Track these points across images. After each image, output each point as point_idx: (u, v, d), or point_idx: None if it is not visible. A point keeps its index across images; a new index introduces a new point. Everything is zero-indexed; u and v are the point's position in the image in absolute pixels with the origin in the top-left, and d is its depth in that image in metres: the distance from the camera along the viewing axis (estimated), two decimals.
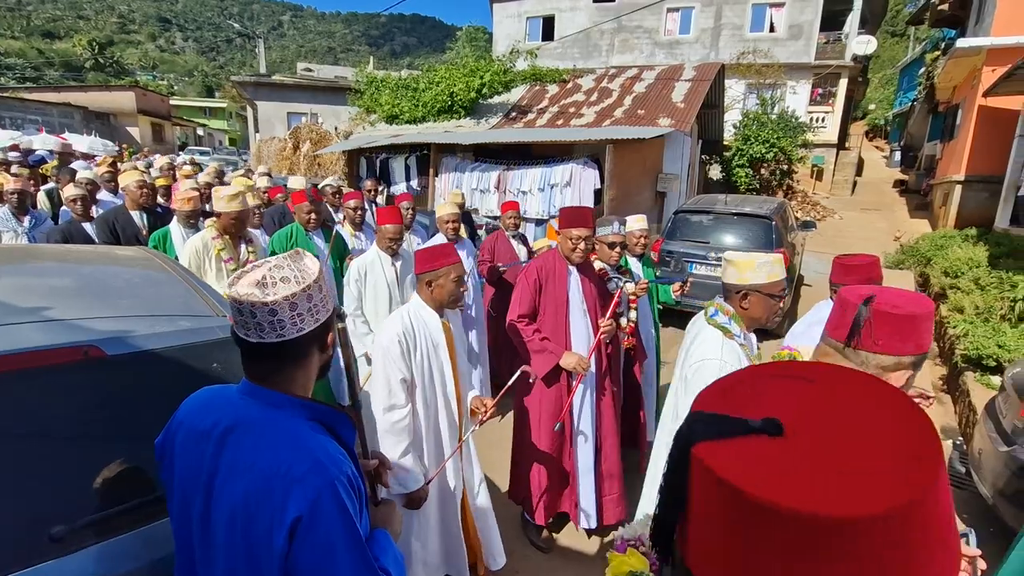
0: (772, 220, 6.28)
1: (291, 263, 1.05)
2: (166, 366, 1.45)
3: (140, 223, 4.11)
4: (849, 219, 15.76)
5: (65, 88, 29.71)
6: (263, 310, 0.98)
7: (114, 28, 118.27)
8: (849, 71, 19.05)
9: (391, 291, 3.49)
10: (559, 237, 2.82)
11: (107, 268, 1.99)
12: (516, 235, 4.65)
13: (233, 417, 1.03)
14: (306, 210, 3.83)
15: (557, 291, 2.80)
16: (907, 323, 1.18)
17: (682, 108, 9.74)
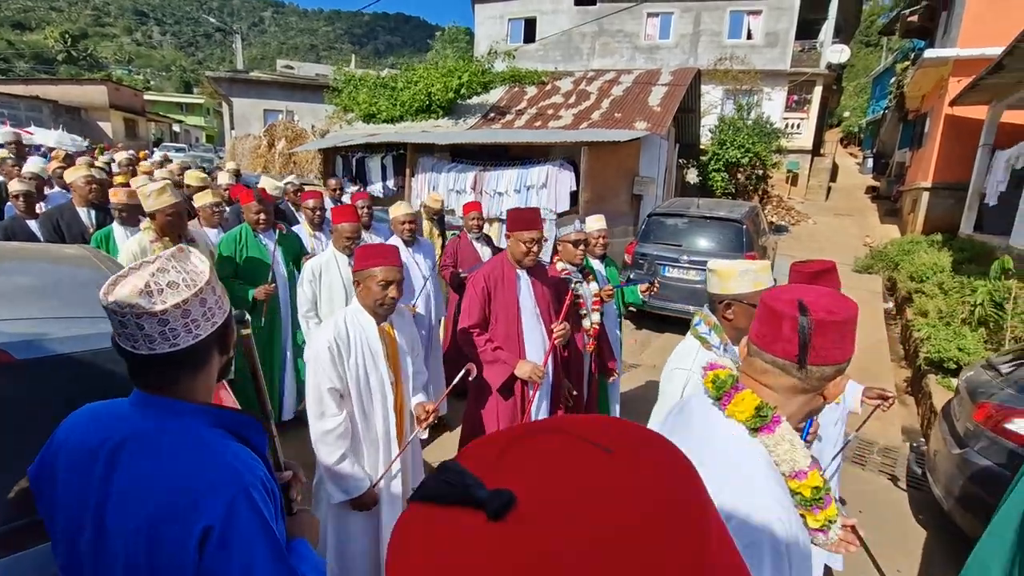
0: (743, 224, 6.35)
1: (177, 264, 0.95)
2: (82, 371, 1.38)
3: (88, 221, 3.97)
4: (823, 224, 16.08)
5: (34, 81, 28.84)
6: (151, 321, 0.89)
7: (88, 20, 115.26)
8: (824, 79, 19.45)
9: (347, 292, 3.38)
10: (509, 241, 2.73)
11: (35, 266, 1.89)
12: (479, 237, 4.57)
13: (125, 432, 0.93)
14: (255, 210, 3.65)
15: (507, 297, 2.71)
16: (847, 328, 1.14)
17: (658, 112, 9.81)
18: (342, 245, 3.40)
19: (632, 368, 5.92)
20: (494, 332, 2.72)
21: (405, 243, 3.92)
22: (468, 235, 4.51)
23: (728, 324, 1.82)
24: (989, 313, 5.61)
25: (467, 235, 4.51)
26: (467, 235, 4.51)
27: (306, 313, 3.37)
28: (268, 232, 3.78)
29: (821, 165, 21.57)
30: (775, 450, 1.14)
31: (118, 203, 3.56)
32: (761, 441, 1.14)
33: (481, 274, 2.75)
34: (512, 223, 2.70)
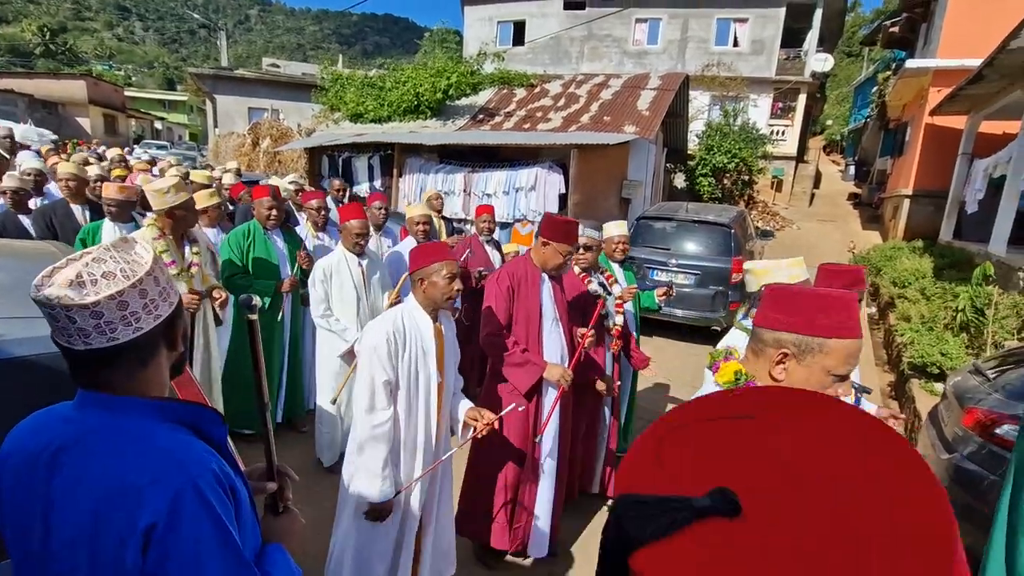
0: (731, 228, 6.37)
1: (117, 254, 0.90)
2: (41, 375, 1.28)
3: (81, 218, 3.89)
4: (806, 229, 16.29)
5: (9, 74, 28.10)
6: (83, 313, 0.83)
7: (68, 14, 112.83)
8: (808, 87, 19.75)
9: (358, 292, 3.35)
10: (541, 247, 2.64)
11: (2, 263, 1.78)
12: (490, 240, 4.50)
13: (68, 434, 0.88)
14: (267, 206, 3.58)
15: (530, 300, 2.65)
16: (789, 299, 1.19)
17: (647, 116, 9.84)
18: (351, 243, 3.33)
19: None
20: (514, 332, 2.65)
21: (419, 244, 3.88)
22: (479, 237, 4.45)
23: None
24: (971, 318, 5.69)
25: (478, 237, 4.45)
26: (478, 237, 4.45)
27: (323, 313, 3.30)
28: (277, 230, 3.72)
29: (805, 172, 21.89)
30: None
31: (110, 199, 3.47)
32: None
33: (506, 273, 2.67)
34: (551, 232, 2.61)
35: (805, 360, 1.16)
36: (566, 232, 2.62)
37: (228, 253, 3.51)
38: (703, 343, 6.65)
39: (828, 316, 1.13)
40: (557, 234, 2.61)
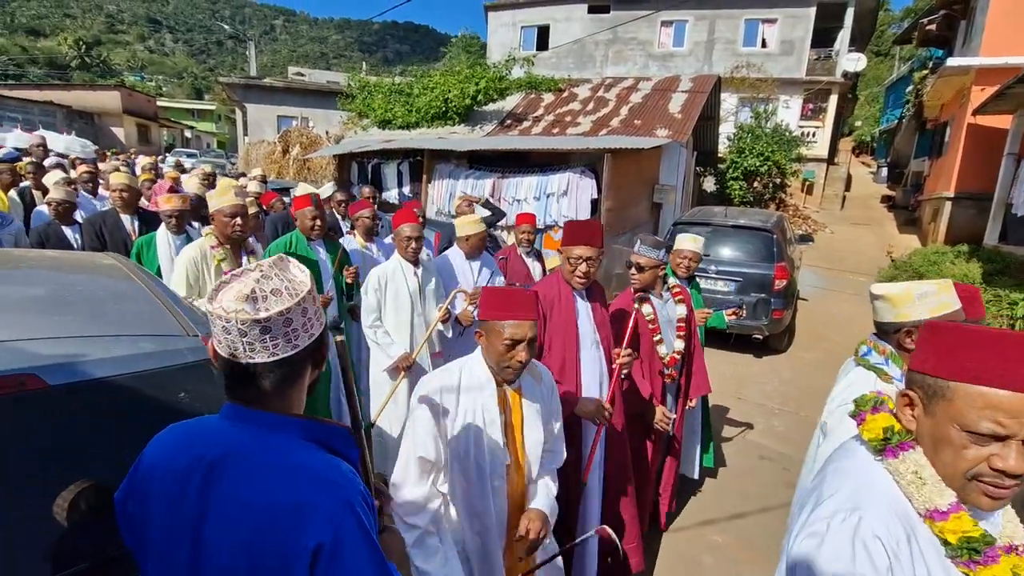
0: (773, 233, 6.18)
1: (279, 272, 0.93)
2: (122, 397, 1.23)
3: (130, 228, 3.90)
4: (840, 233, 15.87)
5: (48, 86, 29.08)
6: (255, 328, 0.87)
7: (102, 28, 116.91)
8: (839, 87, 19.30)
9: (413, 302, 3.24)
10: (560, 256, 2.45)
11: (63, 277, 1.75)
12: (530, 252, 4.26)
13: (220, 448, 0.91)
14: (310, 216, 3.46)
15: (565, 321, 2.37)
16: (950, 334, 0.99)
17: (679, 119, 9.67)
18: (405, 248, 3.21)
19: None
20: (548, 360, 2.34)
21: (467, 256, 3.71)
22: (518, 249, 4.21)
23: (910, 354, 1.59)
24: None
25: (516, 249, 4.22)
26: (516, 249, 4.22)
27: (372, 323, 3.20)
28: (319, 240, 3.62)
29: (836, 174, 21.38)
30: (900, 478, 1.02)
31: (172, 209, 3.47)
32: (885, 465, 1.04)
33: (537, 293, 2.49)
34: (564, 236, 2.40)
35: (930, 408, 0.98)
36: (574, 233, 2.34)
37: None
38: (744, 351, 6.47)
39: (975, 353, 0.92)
40: (567, 236, 2.36)
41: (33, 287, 1.57)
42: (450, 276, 3.63)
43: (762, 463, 4.10)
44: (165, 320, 1.51)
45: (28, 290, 1.54)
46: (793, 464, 4.09)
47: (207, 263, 2.85)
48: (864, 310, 8.85)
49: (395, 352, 3.15)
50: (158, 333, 1.42)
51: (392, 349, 3.17)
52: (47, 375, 1.14)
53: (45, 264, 1.92)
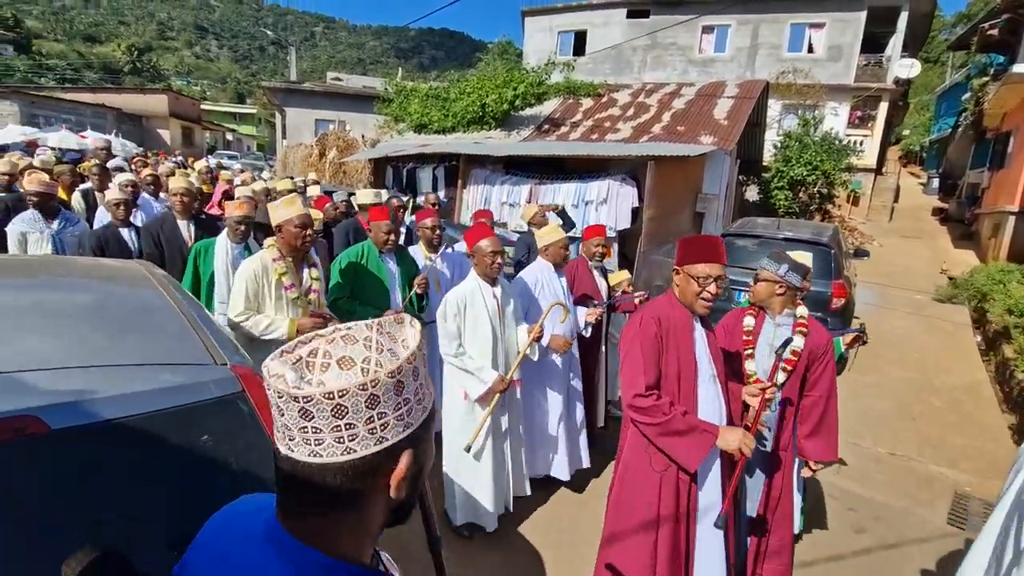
0: (831, 248, 5.77)
1: (377, 336, 0.65)
2: (136, 442, 1.05)
3: (187, 234, 3.84)
4: (889, 246, 15.10)
5: (101, 90, 30.35)
6: (291, 407, 0.61)
7: (153, 34, 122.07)
8: (890, 94, 18.47)
9: (493, 326, 2.94)
10: (676, 279, 2.13)
11: (81, 290, 1.58)
12: (600, 267, 3.94)
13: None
14: (385, 230, 3.33)
15: (682, 351, 2.08)
16: None
17: (725, 125, 9.28)
18: (489, 266, 2.89)
19: None
20: (662, 394, 2.09)
21: (557, 268, 3.46)
22: (588, 263, 3.91)
23: None
24: None
25: (585, 262, 3.91)
26: (585, 262, 3.91)
27: (457, 351, 2.89)
28: (391, 253, 3.49)
29: (884, 184, 20.48)
30: None
31: (242, 216, 3.37)
32: None
33: (652, 315, 2.09)
34: (683, 253, 2.10)
35: None
36: (697, 249, 2.05)
37: (338, 274, 3.29)
38: None
39: None
40: (687, 254, 2.06)
41: (44, 302, 1.41)
42: (531, 295, 3.36)
43: (826, 502, 3.74)
44: (191, 345, 1.34)
45: (38, 306, 1.38)
46: (860, 503, 3.73)
47: (268, 277, 2.72)
48: (923, 328, 8.30)
49: (489, 376, 2.88)
50: (181, 361, 1.24)
51: (485, 374, 2.89)
52: (49, 417, 0.96)
53: (64, 273, 1.78)
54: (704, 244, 2.08)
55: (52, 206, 3.99)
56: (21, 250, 3.83)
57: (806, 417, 2.55)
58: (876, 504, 3.74)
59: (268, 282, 2.71)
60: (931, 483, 4.08)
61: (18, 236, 3.83)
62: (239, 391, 1.21)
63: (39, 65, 58.71)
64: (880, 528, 3.45)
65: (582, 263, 3.91)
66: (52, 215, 3.96)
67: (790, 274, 2.45)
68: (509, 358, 3.04)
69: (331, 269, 3.37)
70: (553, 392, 3.41)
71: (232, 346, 1.39)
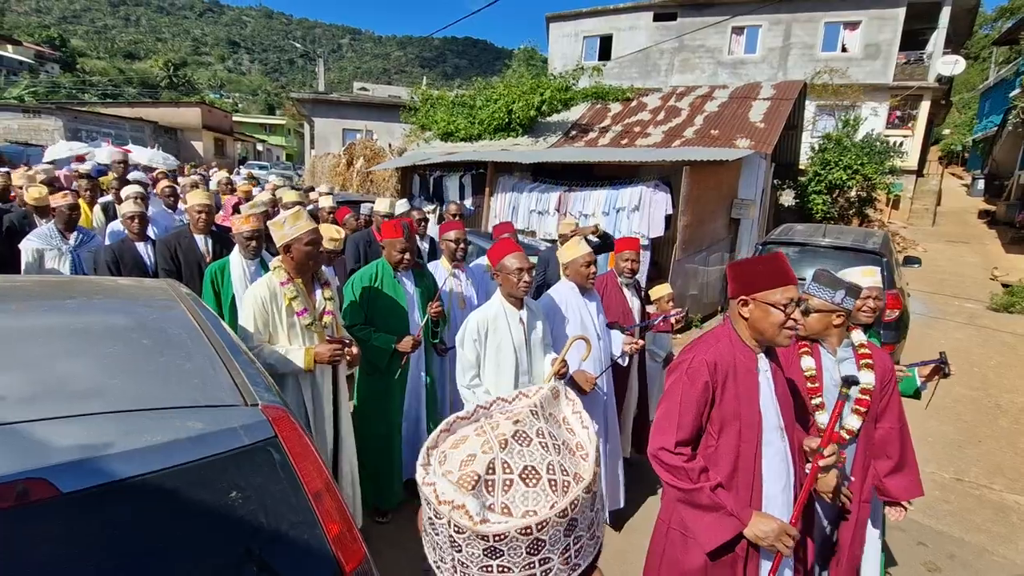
0: (884, 256, 5.44)
1: (544, 428, 0.53)
2: (157, 503, 0.91)
3: (204, 249, 3.68)
4: (934, 252, 14.42)
5: (139, 104, 31.42)
6: (475, 545, 0.51)
7: (188, 50, 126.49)
8: (932, 93, 17.74)
9: (518, 357, 2.62)
10: (742, 311, 1.78)
11: (98, 315, 1.46)
12: (631, 283, 3.61)
13: None
14: (399, 248, 3.03)
15: (744, 401, 1.74)
16: None
17: (762, 128, 8.96)
18: (516, 284, 2.57)
19: None
20: (713, 454, 1.75)
21: (582, 291, 3.05)
22: (618, 279, 3.59)
23: None
24: None
25: (615, 278, 3.59)
26: (615, 278, 3.59)
27: (471, 383, 2.63)
28: (408, 272, 3.18)
29: (926, 187, 19.69)
30: None
31: (251, 230, 3.17)
32: None
33: (706, 359, 1.74)
34: (749, 279, 1.75)
35: None
36: (768, 271, 1.72)
37: (351, 296, 3.02)
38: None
39: None
40: (756, 277, 1.72)
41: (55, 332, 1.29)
42: (556, 320, 2.95)
43: (892, 534, 3.45)
44: (219, 382, 1.20)
45: (49, 336, 1.26)
46: (929, 536, 3.42)
47: (277, 303, 2.45)
48: (979, 341, 7.79)
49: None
50: (208, 403, 1.11)
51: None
52: (59, 478, 0.84)
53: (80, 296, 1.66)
54: (773, 265, 1.75)
55: (74, 221, 3.89)
56: (36, 268, 3.67)
57: (882, 451, 2.21)
58: (948, 539, 3.42)
59: (278, 309, 2.45)
60: (1006, 514, 3.74)
61: (33, 253, 3.69)
62: (271, 437, 1.08)
63: (83, 82, 61.31)
64: (956, 569, 3.14)
65: (611, 279, 3.58)
66: (71, 230, 3.87)
67: (847, 300, 2.10)
68: None
69: (343, 292, 3.12)
70: None
71: (264, 381, 1.26)
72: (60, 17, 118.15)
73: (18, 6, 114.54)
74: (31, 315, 1.39)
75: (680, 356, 1.88)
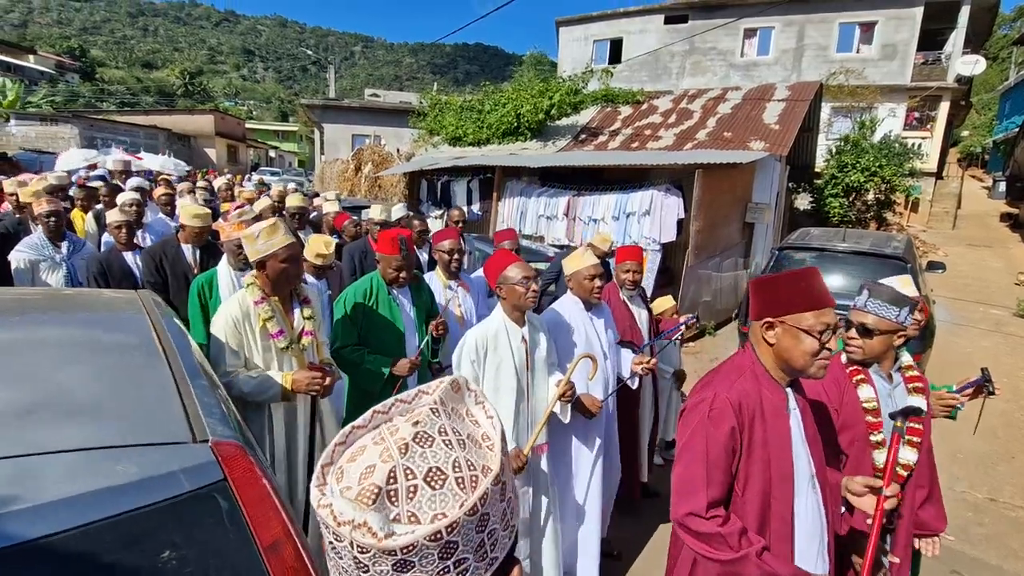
0: (908, 262, 5.20)
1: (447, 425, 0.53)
2: (69, 571, 0.76)
3: (191, 259, 3.52)
4: (955, 256, 14.00)
5: (154, 112, 31.88)
6: (383, 562, 0.48)
7: (204, 59, 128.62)
8: (951, 93, 17.34)
9: (519, 378, 2.36)
10: (768, 336, 1.51)
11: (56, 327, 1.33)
12: (635, 295, 3.34)
13: None
14: (394, 265, 2.80)
15: (774, 449, 1.47)
16: None
17: (777, 130, 8.73)
18: (520, 298, 2.32)
19: None
20: (743, 509, 1.49)
21: (587, 306, 2.79)
22: (620, 292, 3.33)
23: None
24: None
25: (617, 291, 3.34)
26: (617, 291, 3.34)
27: None
28: (404, 288, 2.94)
29: (945, 189, 19.23)
30: None
31: (231, 240, 2.96)
32: None
33: (729, 399, 1.47)
34: (778, 299, 1.49)
35: None
36: (803, 291, 1.45)
37: (343, 313, 2.77)
38: None
39: None
40: (791, 299, 1.46)
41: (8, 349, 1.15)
42: (561, 337, 2.69)
43: (923, 561, 3.22)
44: (167, 413, 1.06)
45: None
46: (963, 563, 3.18)
47: (250, 324, 2.22)
48: (1007, 349, 7.47)
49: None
50: (149, 440, 0.96)
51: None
52: None
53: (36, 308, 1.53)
54: (807, 284, 1.46)
55: (62, 229, 3.73)
56: (29, 279, 3.52)
57: (915, 481, 1.96)
58: (984, 567, 3.19)
59: (252, 330, 2.21)
60: None
61: (24, 262, 3.54)
62: (218, 480, 0.93)
63: (101, 90, 62.53)
64: None
65: (613, 292, 3.29)
66: (61, 238, 3.71)
67: (910, 317, 1.85)
68: (536, 417, 2.42)
69: (335, 307, 2.87)
70: (585, 450, 2.71)
71: (220, 411, 1.11)
72: (81, 28, 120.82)
73: (41, 18, 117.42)
74: None
75: (696, 394, 1.58)
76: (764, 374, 1.52)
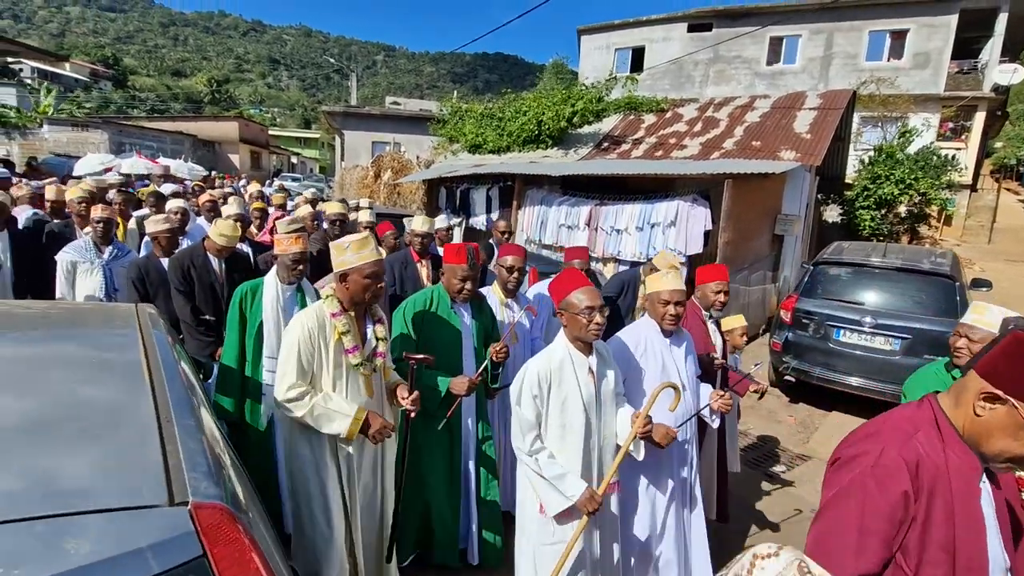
0: (955, 279, 4.89)
1: None
2: None
3: (217, 268, 3.50)
4: (993, 272, 13.44)
5: (181, 118, 32.57)
6: None
7: (231, 68, 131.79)
8: (988, 103, 16.77)
9: (587, 415, 2.12)
10: (985, 411, 1.14)
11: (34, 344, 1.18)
12: (715, 317, 3.07)
13: None
14: (460, 276, 2.65)
15: (963, 527, 1.17)
16: None
17: (808, 140, 8.43)
18: (582, 329, 2.07)
19: (801, 460, 4.61)
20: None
21: (665, 333, 2.47)
22: (701, 313, 3.04)
23: None
24: None
25: (699, 312, 3.04)
26: (699, 312, 3.04)
27: (532, 447, 2.10)
28: (466, 303, 2.79)
29: (981, 202, 18.60)
30: None
31: (299, 252, 2.81)
32: None
33: (901, 455, 1.17)
34: (1006, 360, 1.12)
35: None
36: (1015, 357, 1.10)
37: (401, 327, 2.64)
38: None
39: None
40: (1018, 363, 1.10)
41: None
42: (630, 366, 2.40)
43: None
44: (142, 463, 0.88)
45: None
46: None
47: (325, 337, 2.12)
48: None
49: (573, 489, 2.03)
50: (114, 504, 0.79)
51: (569, 485, 2.03)
52: None
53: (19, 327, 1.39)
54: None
55: (111, 234, 3.89)
56: (69, 280, 3.74)
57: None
58: None
59: (326, 343, 2.12)
60: None
61: (68, 265, 3.74)
62: (196, 557, 0.75)
63: (132, 97, 64.28)
64: None
65: (694, 313, 2.95)
66: (108, 244, 3.87)
67: None
68: (605, 456, 2.19)
69: (393, 319, 2.72)
70: (660, 492, 2.43)
71: (206, 462, 0.94)
72: (115, 38, 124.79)
73: (77, 27, 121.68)
74: None
75: (855, 444, 1.28)
76: (955, 438, 1.19)
